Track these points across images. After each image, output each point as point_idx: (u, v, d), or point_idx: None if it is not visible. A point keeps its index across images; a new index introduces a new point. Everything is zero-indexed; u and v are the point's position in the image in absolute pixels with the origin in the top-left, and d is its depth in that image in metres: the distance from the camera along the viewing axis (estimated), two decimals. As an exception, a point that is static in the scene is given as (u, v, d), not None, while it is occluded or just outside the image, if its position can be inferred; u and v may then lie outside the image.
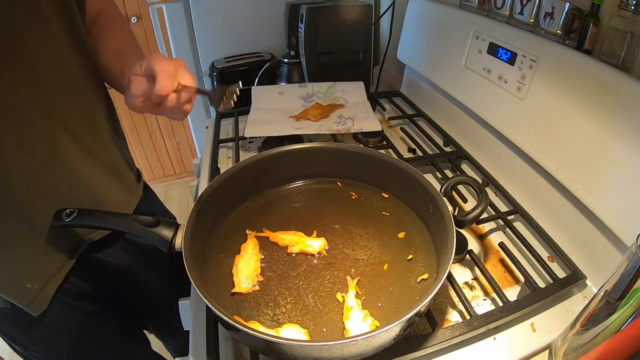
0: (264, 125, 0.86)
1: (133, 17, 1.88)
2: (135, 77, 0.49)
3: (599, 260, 0.56)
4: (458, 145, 0.84)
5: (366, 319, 0.46)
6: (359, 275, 0.52)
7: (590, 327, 0.41)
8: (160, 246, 0.49)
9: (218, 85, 0.58)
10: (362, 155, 0.64)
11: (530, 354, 0.49)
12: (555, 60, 0.60)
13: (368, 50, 1.05)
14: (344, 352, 0.39)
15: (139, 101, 0.49)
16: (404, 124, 0.97)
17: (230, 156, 0.87)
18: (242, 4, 1.11)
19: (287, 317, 0.47)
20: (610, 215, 0.52)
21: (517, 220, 0.67)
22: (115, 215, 0.50)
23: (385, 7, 1.09)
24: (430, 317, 0.49)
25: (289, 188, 0.67)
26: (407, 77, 1.09)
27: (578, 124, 0.57)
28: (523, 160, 0.70)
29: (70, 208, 0.49)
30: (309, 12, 0.95)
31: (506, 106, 0.70)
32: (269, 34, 1.17)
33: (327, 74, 1.02)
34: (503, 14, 0.72)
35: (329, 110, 0.92)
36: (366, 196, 0.65)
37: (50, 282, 0.56)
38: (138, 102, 0.50)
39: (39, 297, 0.55)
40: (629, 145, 0.49)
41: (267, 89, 0.99)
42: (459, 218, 0.51)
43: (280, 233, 0.58)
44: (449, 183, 0.55)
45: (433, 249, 0.54)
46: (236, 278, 0.51)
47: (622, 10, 0.51)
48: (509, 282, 0.58)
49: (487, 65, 0.74)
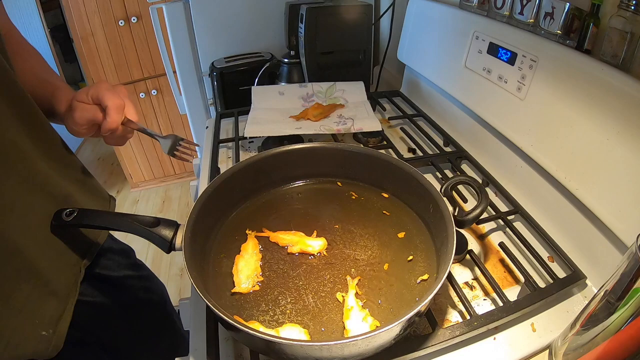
0: (264, 125, 0.86)
1: (133, 17, 1.88)
2: (79, 105, 0.50)
3: (599, 260, 0.56)
4: (458, 145, 0.84)
5: (366, 319, 0.46)
6: (359, 275, 0.52)
7: (590, 327, 0.41)
8: (160, 246, 0.49)
9: (170, 134, 0.61)
10: (362, 155, 0.64)
11: (530, 354, 0.49)
12: (555, 60, 0.60)
13: (368, 50, 1.05)
14: (344, 352, 0.39)
15: (82, 129, 0.50)
16: (404, 124, 0.97)
17: (230, 156, 0.87)
18: (242, 4, 1.11)
19: (287, 317, 0.47)
20: (610, 215, 0.52)
21: (517, 220, 0.67)
22: (115, 215, 0.50)
23: (385, 7, 1.09)
24: (430, 317, 0.49)
25: (289, 188, 0.67)
26: (407, 77, 1.09)
27: (578, 124, 0.57)
28: (523, 160, 0.70)
29: (70, 208, 0.49)
30: (309, 12, 0.95)
31: (506, 106, 0.70)
32: (269, 34, 1.17)
33: (327, 74, 1.02)
34: (503, 14, 0.72)
35: (329, 110, 0.92)
36: (366, 196, 0.65)
37: (60, 322, 0.52)
38: (82, 130, 0.51)
39: (55, 340, 0.51)
40: (629, 145, 0.49)
41: (267, 89, 0.99)
42: (459, 218, 0.51)
43: (280, 233, 0.58)
44: (449, 183, 0.55)
45: (433, 249, 0.54)
46: (236, 278, 0.51)
47: (622, 10, 0.51)
48: (509, 282, 0.58)
49: (487, 65, 0.74)
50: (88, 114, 0.50)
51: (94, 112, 0.50)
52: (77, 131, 0.52)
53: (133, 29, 1.91)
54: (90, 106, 0.50)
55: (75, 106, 0.50)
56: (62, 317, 0.52)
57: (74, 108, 0.50)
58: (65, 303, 0.53)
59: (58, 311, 0.52)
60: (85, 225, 0.50)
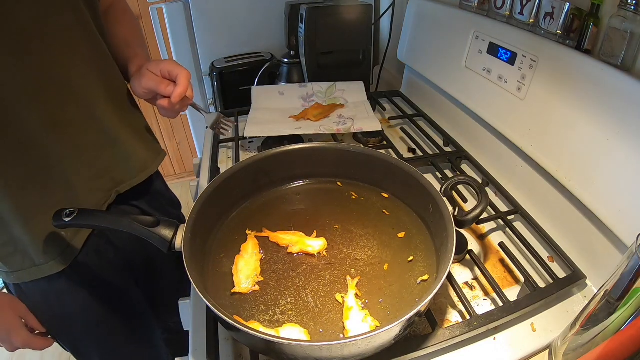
0: (264, 125, 0.86)
1: (133, 17, 1.88)
2: (148, 73, 0.58)
3: (599, 260, 0.56)
4: (458, 145, 0.84)
5: (366, 319, 0.46)
6: (359, 275, 0.52)
7: (590, 327, 0.41)
8: (160, 246, 0.49)
9: (215, 112, 0.72)
10: (362, 155, 0.64)
11: (530, 354, 0.49)
12: (555, 60, 0.60)
13: (368, 50, 1.05)
14: (344, 352, 0.39)
15: (143, 92, 0.60)
16: (404, 124, 0.97)
17: (230, 156, 0.87)
18: (242, 4, 1.11)
19: (287, 317, 0.47)
20: (610, 215, 0.52)
21: (517, 220, 0.67)
22: (115, 215, 0.51)
23: (385, 7, 1.09)
24: (430, 317, 0.49)
25: (289, 188, 0.67)
26: (407, 77, 1.09)
27: (578, 124, 0.57)
28: (523, 160, 0.70)
29: (70, 208, 0.49)
30: (309, 12, 0.95)
31: (506, 106, 0.70)
32: (269, 34, 1.17)
33: (327, 74, 1.02)
34: (503, 14, 0.72)
35: (329, 110, 0.92)
36: (366, 196, 0.65)
37: (80, 232, 0.61)
38: (142, 92, 0.60)
39: (71, 244, 0.60)
40: (629, 145, 0.49)
41: (267, 89, 0.99)
42: (459, 218, 0.51)
43: (280, 233, 0.58)
44: (449, 183, 0.55)
45: (433, 249, 0.54)
46: (236, 278, 0.51)
47: (622, 10, 0.51)
48: (509, 282, 0.58)
49: (487, 65, 0.74)
50: (152, 82, 0.58)
51: (158, 82, 0.58)
52: (138, 92, 0.61)
53: (133, 29, 1.91)
54: (157, 77, 0.58)
55: (144, 73, 0.58)
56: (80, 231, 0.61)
57: (142, 74, 0.59)
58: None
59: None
60: (85, 225, 0.51)
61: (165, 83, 0.58)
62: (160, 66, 0.58)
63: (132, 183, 0.67)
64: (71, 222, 0.48)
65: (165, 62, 0.59)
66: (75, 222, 0.48)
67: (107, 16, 0.67)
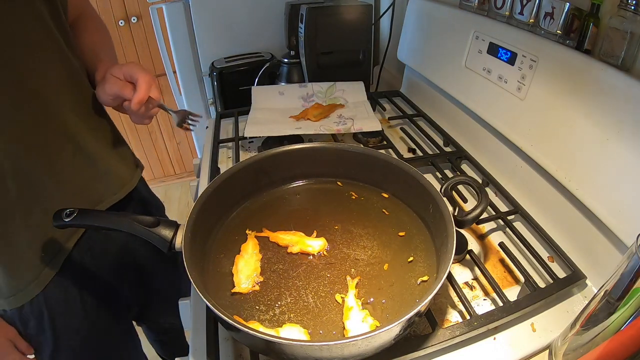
0: (264, 125, 0.86)
1: (133, 17, 1.88)
2: (112, 78, 0.56)
3: (599, 260, 0.56)
4: (458, 145, 0.84)
5: (366, 319, 0.46)
6: (359, 275, 0.52)
7: (590, 327, 0.41)
8: (160, 246, 0.49)
9: (180, 110, 0.69)
10: (362, 155, 0.64)
11: (530, 354, 0.49)
12: (555, 60, 0.60)
13: (368, 50, 1.05)
14: (344, 352, 0.39)
15: (109, 98, 0.57)
16: (404, 124, 0.97)
17: (230, 156, 0.87)
18: (242, 4, 1.10)
19: (287, 317, 0.47)
20: (610, 215, 0.52)
21: (517, 220, 0.67)
22: (115, 215, 0.51)
23: (385, 7, 1.09)
24: (430, 317, 0.49)
25: (289, 188, 0.67)
26: (407, 77, 1.09)
27: (578, 124, 0.57)
28: (523, 160, 0.70)
29: (70, 208, 0.49)
30: (309, 12, 0.95)
31: (506, 106, 0.70)
32: (269, 34, 1.17)
33: (327, 74, 1.02)
34: (503, 14, 0.72)
35: (329, 110, 0.92)
36: (366, 196, 0.65)
37: (59, 254, 0.60)
38: (108, 99, 0.58)
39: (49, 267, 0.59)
40: (629, 145, 0.49)
41: (267, 89, 0.99)
42: (459, 218, 0.51)
43: (280, 233, 0.58)
44: (449, 183, 0.55)
45: (433, 249, 0.54)
46: (236, 278, 0.51)
47: (622, 10, 0.51)
48: (509, 282, 0.58)
49: (487, 65, 0.74)
50: (116, 87, 0.56)
51: (121, 86, 0.56)
52: (104, 100, 0.59)
53: (133, 29, 1.91)
54: (120, 81, 0.56)
55: (108, 78, 0.56)
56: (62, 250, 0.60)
57: (106, 80, 0.57)
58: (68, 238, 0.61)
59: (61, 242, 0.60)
60: (85, 225, 0.51)
61: (129, 87, 0.56)
62: (122, 69, 0.56)
63: (111, 201, 0.66)
64: (71, 222, 0.48)
65: (127, 65, 0.56)
66: (75, 222, 0.48)
67: (75, 27, 0.65)
